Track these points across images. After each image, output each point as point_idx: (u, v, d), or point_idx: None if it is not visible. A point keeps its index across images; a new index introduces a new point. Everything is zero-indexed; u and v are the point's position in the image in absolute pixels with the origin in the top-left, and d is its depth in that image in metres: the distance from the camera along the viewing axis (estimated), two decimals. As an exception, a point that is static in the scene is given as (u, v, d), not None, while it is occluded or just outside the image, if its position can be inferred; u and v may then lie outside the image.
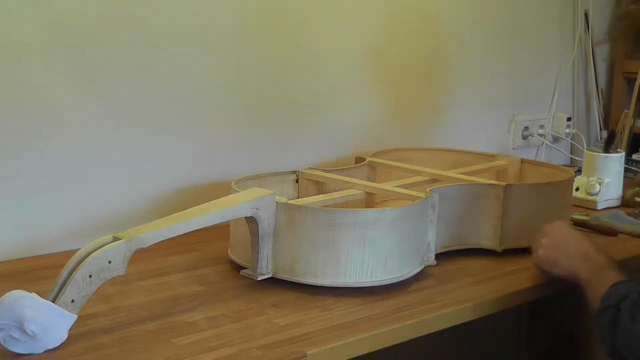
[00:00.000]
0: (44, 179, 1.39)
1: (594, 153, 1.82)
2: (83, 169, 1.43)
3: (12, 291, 0.96)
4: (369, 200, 1.52)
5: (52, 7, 1.35)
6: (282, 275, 1.18)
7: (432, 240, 1.26)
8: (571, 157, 2.26)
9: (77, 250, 1.01)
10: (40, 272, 1.27)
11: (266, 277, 1.18)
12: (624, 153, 1.84)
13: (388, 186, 1.39)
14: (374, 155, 1.62)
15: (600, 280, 1.11)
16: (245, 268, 1.22)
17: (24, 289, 0.97)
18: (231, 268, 1.29)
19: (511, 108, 2.11)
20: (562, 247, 1.23)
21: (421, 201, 1.24)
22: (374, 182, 1.51)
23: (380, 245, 1.16)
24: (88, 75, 1.41)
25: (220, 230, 1.36)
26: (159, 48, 1.49)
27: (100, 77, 1.43)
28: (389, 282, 1.18)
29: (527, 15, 2.11)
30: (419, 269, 1.23)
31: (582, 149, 2.12)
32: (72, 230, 1.41)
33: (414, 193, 1.30)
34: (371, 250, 1.16)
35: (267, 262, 1.18)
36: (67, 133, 1.40)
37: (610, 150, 1.81)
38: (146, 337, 1.01)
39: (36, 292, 0.97)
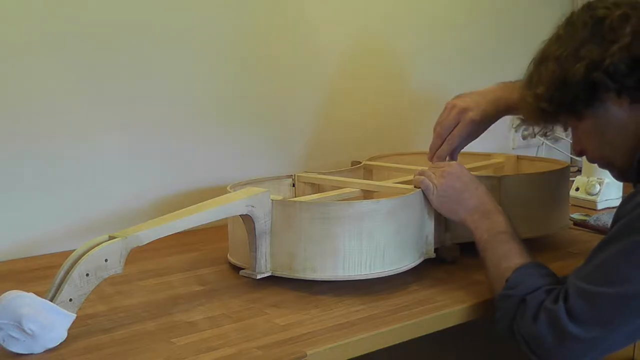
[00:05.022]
0: (44, 179, 1.39)
1: (594, 153, 1.82)
2: (83, 170, 1.43)
3: (10, 291, 0.96)
4: (366, 199, 1.51)
5: (52, 9, 1.36)
6: (281, 273, 1.18)
7: (430, 232, 1.26)
8: (571, 157, 2.25)
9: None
10: (40, 272, 1.27)
11: (265, 275, 1.18)
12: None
13: (384, 183, 1.39)
14: (370, 159, 1.62)
15: (500, 250, 1.13)
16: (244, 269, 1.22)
17: (23, 289, 0.97)
18: (231, 268, 1.29)
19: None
20: (461, 194, 1.22)
21: (417, 192, 1.23)
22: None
23: (377, 236, 1.16)
24: (87, 77, 1.42)
25: (219, 231, 1.37)
26: (158, 50, 1.49)
27: (100, 79, 1.43)
28: (388, 273, 1.18)
29: (525, 15, 2.11)
30: (418, 261, 1.23)
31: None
32: (71, 230, 1.42)
33: (410, 187, 1.29)
34: (368, 241, 1.16)
35: (266, 260, 1.18)
36: (67, 134, 1.41)
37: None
38: (146, 337, 1.01)
39: (36, 292, 0.96)
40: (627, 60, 1.02)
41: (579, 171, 1.92)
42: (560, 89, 1.08)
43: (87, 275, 0.98)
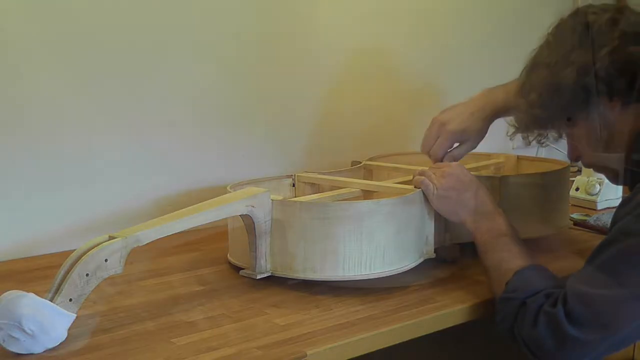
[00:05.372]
0: (43, 179, 1.39)
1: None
2: (83, 170, 1.43)
3: (10, 291, 0.96)
4: (366, 199, 1.51)
5: (52, 8, 1.36)
6: (281, 273, 1.18)
7: (430, 232, 1.26)
8: (571, 157, 2.25)
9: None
10: (40, 272, 1.27)
11: (265, 275, 1.18)
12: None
13: (384, 183, 1.39)
14: (370, 159, 1.62)
15: (501, 252, 1.14)
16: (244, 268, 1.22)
17: (23, 289, 0.97)
18: (231, 268, 1.29)
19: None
20: (461, 195, 1.22)
21: (417, 193, 1.23)
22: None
23: (377, 236, 1.16)
24: (88, 77, 1.42)
25: (219, 231, 1.37)
26: (158, 50, 1.49)
27: (100, 79, 1.43)
28: (388, 273, 1.18)
29: (524, 15, 2.11)
30: (418, 261, 1.23)
31: (582, 149, 2.11)
32: (71, 230, 1.42)
33: (410, 187, 1.29)
34: (368, 242, 1.16)
35: (266, 260, 1.18)
36: (67, 134, 1.41)
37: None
38: (146, 337, 1.01)
39: (36, 292, 0.96)
40: (616, 63, 1.03)
41: (579, 171, 1.92)
42: (552, 95, 1.08)
43: (87, 275, 0.98)
